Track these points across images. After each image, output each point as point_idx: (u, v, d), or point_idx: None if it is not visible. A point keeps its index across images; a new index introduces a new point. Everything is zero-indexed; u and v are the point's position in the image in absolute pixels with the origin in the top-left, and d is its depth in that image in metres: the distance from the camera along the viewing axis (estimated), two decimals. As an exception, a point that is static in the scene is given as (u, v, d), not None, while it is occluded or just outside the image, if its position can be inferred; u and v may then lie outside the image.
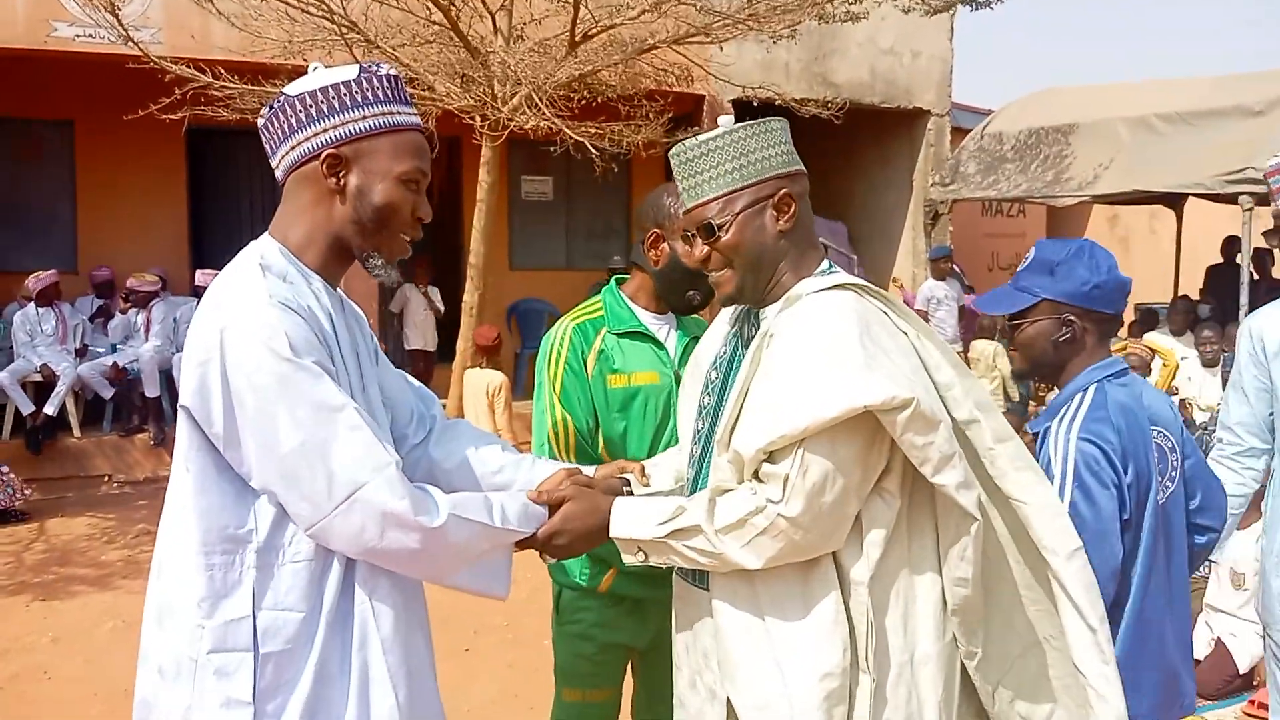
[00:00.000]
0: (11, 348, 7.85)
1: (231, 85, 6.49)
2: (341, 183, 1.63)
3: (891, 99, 10.71)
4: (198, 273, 8.46)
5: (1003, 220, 13.73)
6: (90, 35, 7.65)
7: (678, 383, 2.39)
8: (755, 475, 1.62)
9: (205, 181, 9.79)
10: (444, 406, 7.08)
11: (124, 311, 8.33)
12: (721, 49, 8.25)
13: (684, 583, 1.86)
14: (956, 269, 9.88)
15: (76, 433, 7.74)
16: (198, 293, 8.40)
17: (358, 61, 6.46)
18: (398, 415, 1.89)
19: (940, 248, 9.76)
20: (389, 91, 1.64)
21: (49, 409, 7.51)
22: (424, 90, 6.78)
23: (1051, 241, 2.18)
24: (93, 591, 5.29)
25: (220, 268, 1.66)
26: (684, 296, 2.31)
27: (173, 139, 8.68)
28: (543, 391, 2.33)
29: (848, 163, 11.27)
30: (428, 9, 6.63)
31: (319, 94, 1.62)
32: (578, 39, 6.60)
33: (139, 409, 8.00)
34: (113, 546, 6.08)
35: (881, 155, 11.30)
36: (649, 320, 2.38)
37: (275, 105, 1.65)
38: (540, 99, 6.36)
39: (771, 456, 1.59)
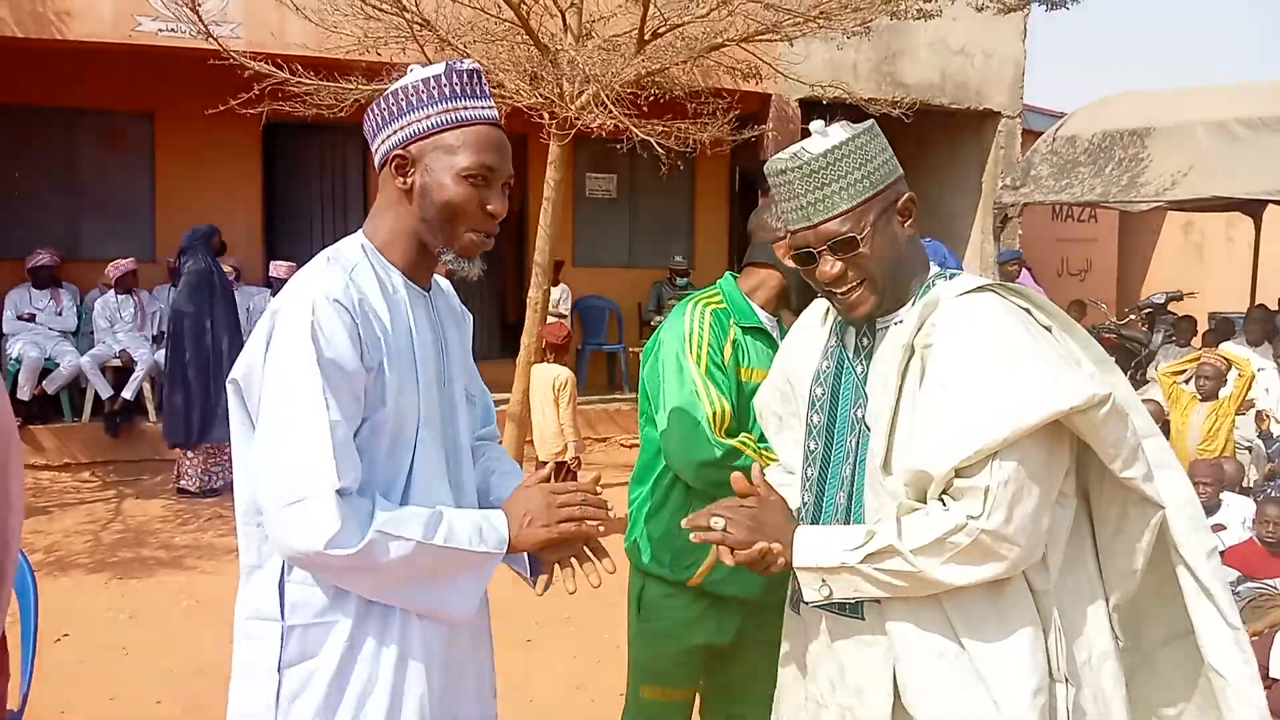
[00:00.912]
0: (92, 333, 8.11)
1: (308, 81, 6.62)
2: (409, 182, 1.65)
3: (961, 100, 10.57)
4: (272, 264, 8.66)
5: (1073, 225, 13.48)
6: (172, 30, 7.86)
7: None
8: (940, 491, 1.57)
9: (278, 174, 10.00)
10: (509, 401, 7.18)
11: (199, 300, 8.53)
12: (791, 46, 8.22)
13: (833, 615, 1.75)
14: (1026, 273, 9.74)
15: (152, 417, 7.95)
16: (271, 283, 8.60)
17: (427, 60, 6.54)
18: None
19: (1009, 251, 9.62)
20: (462, 87, 1.64)
21: (127, 393, 7.74)
22: (494, 87, 6.85)
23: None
24: (167, 572, 5.45)
25: (291, 259, 1.74)
26: (813, 296, 2.29)
27: (249, 132, 8.91)
28: (682, 376, 2.25)
29: (916, 164, 11.09)
30: (499, 6, 6.70)
31: (393, 96, 1.65)
32: (647, 37, 6.62)
33: (212, 395, 8.21)
34: (185, 529, 6.25)
35: (950, 157, 11.16)
36: (764, 319, 2.38)
37: (371, 107, 1.69)
38: (608, 97, 6.39)
39: (960, 470, 1.53)
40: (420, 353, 1.67)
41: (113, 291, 8.17)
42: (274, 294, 8.39)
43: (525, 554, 1.75)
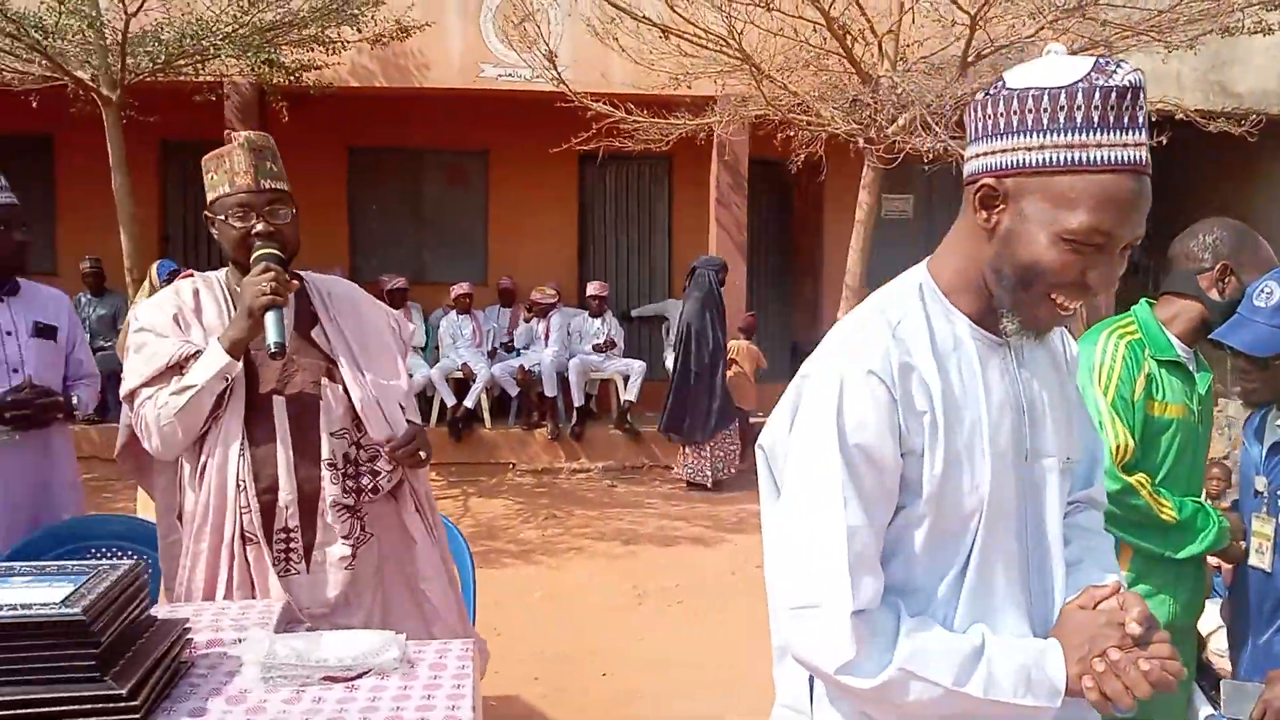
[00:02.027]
0: (438, 348, 9.09)
1: (641, 119, 7.13)
2: (993, 221, 1.30)
3: (1304, 107, 9.69)
4: (589, 284, 9.35)
5: None
6: (510, 75, 8.72)
7: (1199, 421, 2.39)
8: None
9: (589, 201, 10.74)
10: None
11: (527, 320, 9.35)
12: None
13: None
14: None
15: (488, 424, 8.79)
16: (587, 304, 9.28)
17: (758, 89, 6.67)
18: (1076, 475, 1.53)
19: (1366, 271, 8.70)
20: (1104, 112, 1.21)
21: (468, 402, 8.61)
22: (814, 116, 7.09)
23: None
24: (519, 564, 6.04)
25: (603, 279, 1.76)
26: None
27: (567, 165, 9.64)
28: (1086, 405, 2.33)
29: (1247, 176, 10.31)
30: (823, 39, 6.93)
31: (1004, 100, 1.27)
32: (970, 59, 6.63)
33: (538, 406, 8.94)
34: (527, 527, 6.87)
35: (1290, 169, 10.23)
36: (1181, 350, 2.37)
37: (975, 101, 1.33)
38: (934, 120, 6.46)
39: None
40: (991, 422, 1.33)
41: (454, 312, 9.12)
42: (591, 314, 9.07)
43: None
